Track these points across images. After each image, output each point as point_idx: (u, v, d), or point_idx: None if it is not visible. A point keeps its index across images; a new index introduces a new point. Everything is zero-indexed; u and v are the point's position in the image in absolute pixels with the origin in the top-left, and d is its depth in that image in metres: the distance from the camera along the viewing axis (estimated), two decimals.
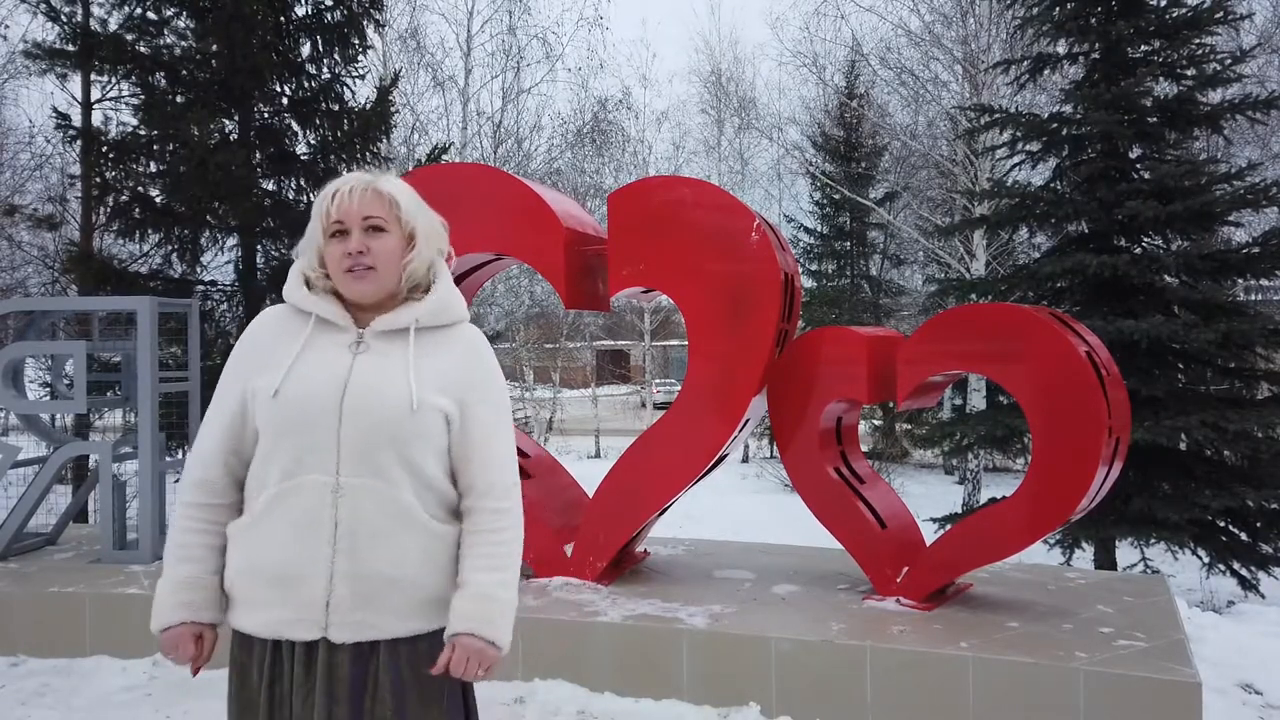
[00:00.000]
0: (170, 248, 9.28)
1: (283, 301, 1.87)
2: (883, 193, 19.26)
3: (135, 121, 9.25)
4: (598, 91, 29.43)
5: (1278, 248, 7.40)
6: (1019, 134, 8.72)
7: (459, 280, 4.82)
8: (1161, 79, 8.52)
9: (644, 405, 22.63)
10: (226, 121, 9.22)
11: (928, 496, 13.55)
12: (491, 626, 1.74)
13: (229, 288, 9.71)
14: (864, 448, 5.50)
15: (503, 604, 1.78)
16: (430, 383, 1.76)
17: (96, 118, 9.99)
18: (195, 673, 1.84)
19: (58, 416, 10.53)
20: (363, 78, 10.02)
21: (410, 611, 1.75)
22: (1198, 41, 8.29)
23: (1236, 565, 7.36)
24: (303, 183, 9.43)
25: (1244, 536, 7.42)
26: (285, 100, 9.46)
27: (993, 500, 7.26)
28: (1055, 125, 8.35)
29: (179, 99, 8.91)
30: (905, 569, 4.18)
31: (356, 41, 9.67)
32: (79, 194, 10.64)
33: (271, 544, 1.72)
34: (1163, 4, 8.07)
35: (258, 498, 1.75)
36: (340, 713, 1.71)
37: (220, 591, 1.79)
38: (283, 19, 9.13)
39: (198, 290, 9.42)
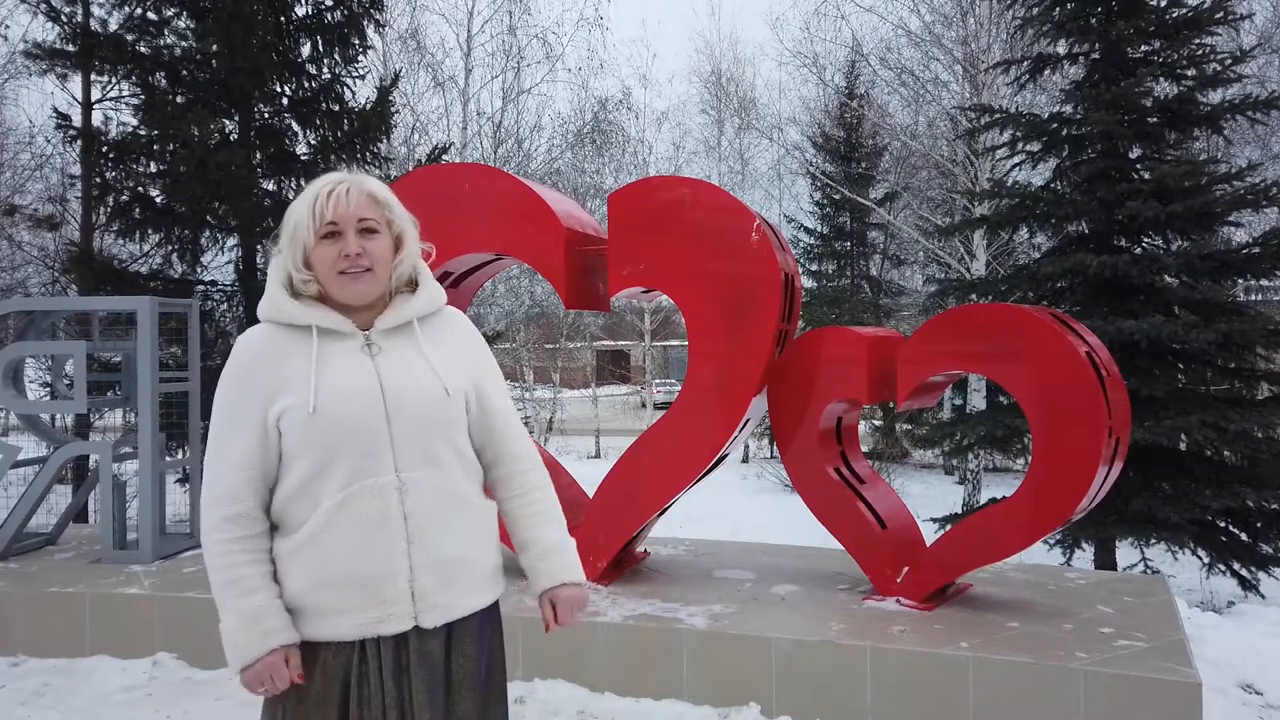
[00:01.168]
0: (170, 248, 9.29)
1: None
2: (883, 193, 19.26)
3: (135, 121, 9.26)
4: (598, 91, 29.40)
5: (1278, 248, 7.39)
6: (1019, 134, 8.72)
7: (459, 280, 4.82)
8: (1161, 79, 8.51)
9: (644, 405, 22.62)
10: (226, 121, 9.23)
11: (928, 496, 13.55)
12: (575, 572, 1.95)
13: (229, 288, 9.71)
14: (864, 448, 5.51)
15: (571, 549, 1.98)
16: (450, 369, 1.85)
17: (96, 118, 9.99)
18: (279, 693, 1.79)
19: (58, 416, 10.54)
20: (363, 78, 10.02)
21: (481, 585, 1.87)
22: (1198, 42, 8.29)
23: (1236, 565, 7.36)
24: (303, 183, 9.40)
25: (1244, 537, 7.42)
26: (285, 100, 9.47)
27: (993, 500, 7.27)
28: (1055, 125, 8.35)
29: (179, 99, 8.92)
30: (905, 569, 4.18)
31: (356, 41, 9.68)
32: (79, 194, 10.64)
33: (342, 551, 1.74)
34: (1163, 4, 8.07)
35: (311, 513, 1.75)
36: (439, 696, 1.79)
37: (287, 613, 1.78)
38: (283, 19, 9.13)
39: (198, 290, 9.43)
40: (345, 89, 9.61)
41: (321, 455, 1.74)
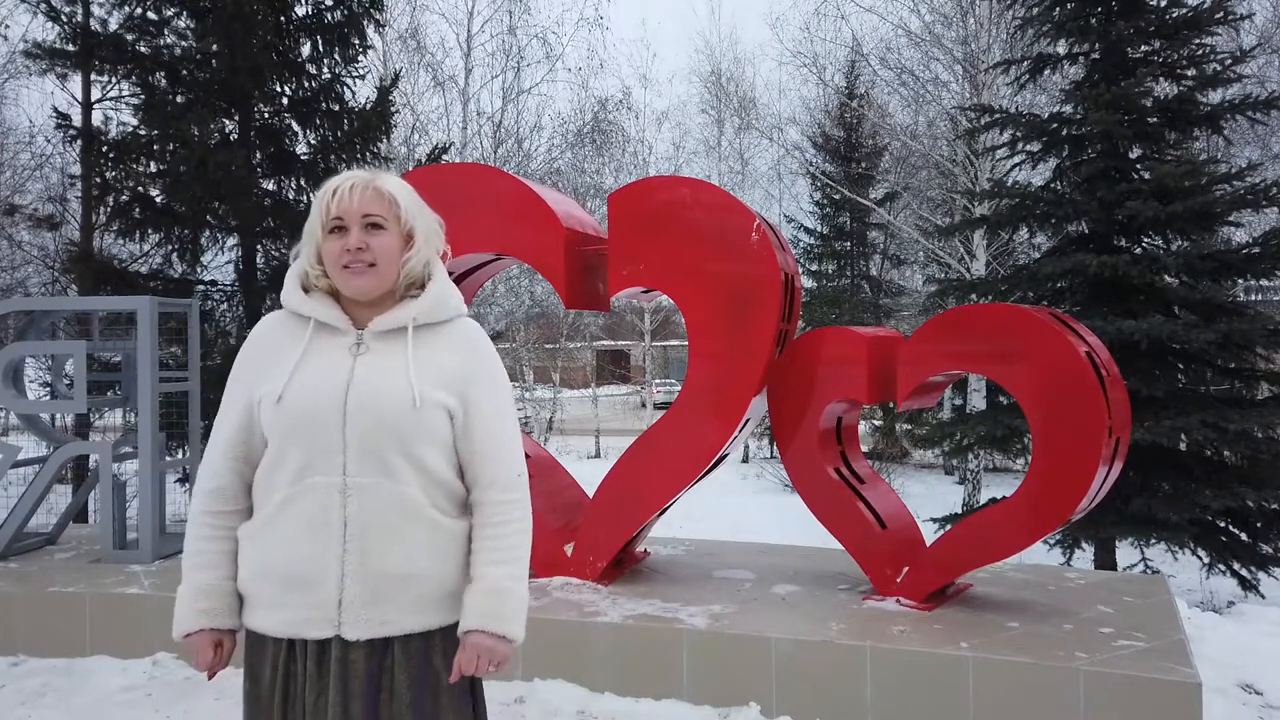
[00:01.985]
0: (170, 248, 9.28)
1: (280, 304, 1.89)
2: (883, 193, 19.26)
3: (135, 121, 9.25)
4: (598, 91, 29.44)
5: (1278, 248, 7.39)
6: (1019, 134, 8.72)
7: (459, 280, 4.82)
8: (1161, 79, 8.52)
9: (644, 405, 22.63)
10: (226, 121, 9.22)
11: (928, 496, 13.54)
12: (501, 621, 1.76)
13: (229, 288, 9.71)
14: (864, 448, 5.51)
15: (512, 596, 1.79)
16: (431, 379, 1.78)
17: (96, 118, 9.99)
18: (211, 677, 1.86)
19: (58, 416, 10.53)
20: (363, 78, 10.01)
21: (422, 607, 1.77)
22: (1198, 42, 8.29)
23: (1236, 565, 7.36)
24: (303, 183, 9.43)
25: (1244, 537, 7.42)
26: (285, 100, 9.46)
27: (993, 500, 7.26)
28: (1055, 125, 8.35)
29: (179, 99, 8.91)
30: (905, 569, 4.18)
31: (356, 41, 9.67)
32: (79, 194, 10.64)
33: (283, 546, 1.74)
34: (1163, 4, 8.07)
35: (267, 502, 1.77)
36: (355, 709, 1.72)
37: (237, 596, 1.81)
38: (283, 19, 9.13)
39: (198, 290, 9.42)
40: (345, 89, 9.61)
41: (280, 446, 1.76)
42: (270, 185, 9.47)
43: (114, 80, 9.60)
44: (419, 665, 1.77)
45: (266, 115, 9.42)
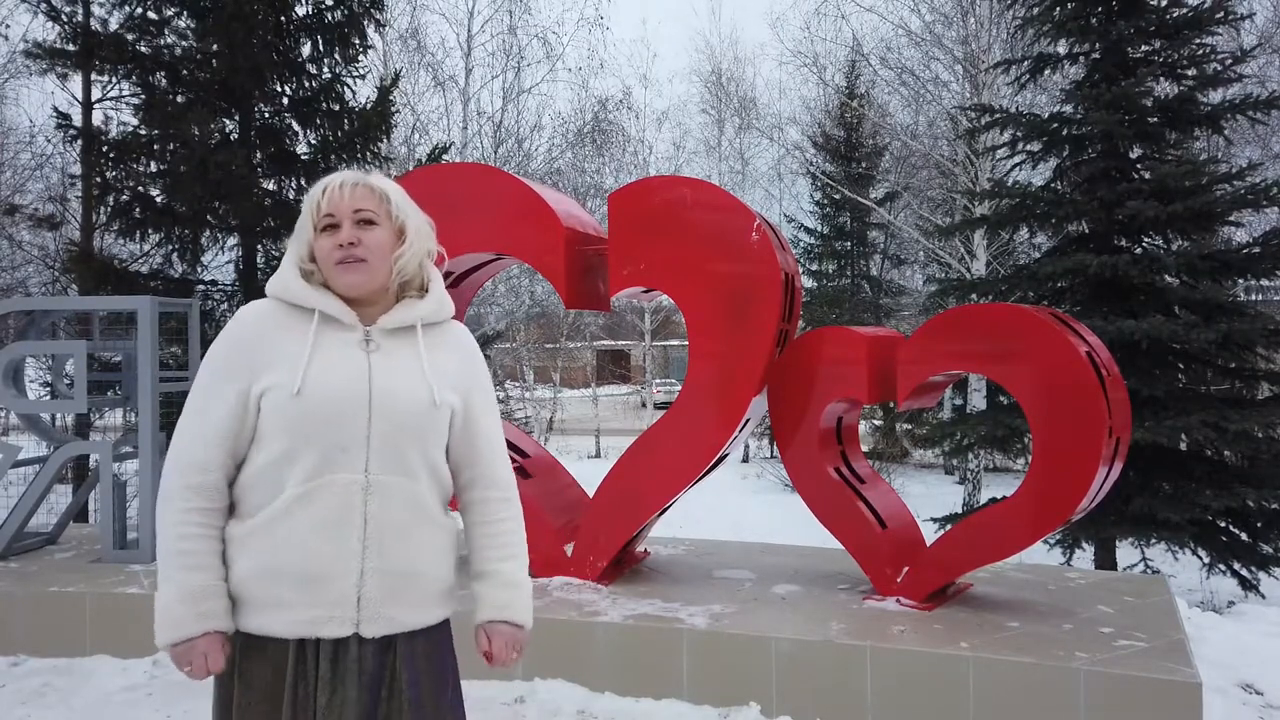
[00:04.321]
0: (170, 248, 9.28)
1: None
2: (883, 193, 19.27)
3: (135, 121, 9.26)
4: (598, 91, 29.43)
5: (1278, 248, 7.40)
6: (1019, 134, 8.72)
7: (459, 280, 4.82)
8: (1162, 79, 8.52)
9: (644, 405, 22.64)
10: (227, 121, 9.23)
11: (928, 496, 13.54)
12: (522, 611, 1.89)
13: (229, 288, 9.71)
14: (864, 448, 5.50)
15: (525, 588, 1.91)
16: (441, 380, 1.81)
17: (97, 117, 9.98)
18: (203, 678, 1.79)
19: (58, 416, 10.53)
20: (363, 78, 10.01)
21: (427, 603, 1.81)
22: (1198, 41, 8.29)
23: (1237, 565, 7.36)
24: (303, 182, 9.42)
25: (1244, 536, 7.42)
26: (286, 100, 9.46)
27: (993, 500, 7.26)
28: (1056, 125, 8.35)
29: (179, 99, 8.91)
30: (905, 569, 4.18)
31: (357, 41, 9.67)
32: (79, 194, 10.64)
33: (297, 544, 1.70)
34: (1163, 4, 8.07)
35: (272, 498, 1.72)
36: (366, 705, 1.73)
37: (229, 598, 1.76)
38: (283, 19, 9.12)
39: (198, 290, 9.43)
40: (345, 89, 9.60)
41: (295, 441, 1.71)
42: (270, 185, 9.47)
43: (114, 80, 9.59)
44: (421, 661, 1.79)
45: (267, 115, 9.42)
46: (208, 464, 1.73)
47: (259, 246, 9.35)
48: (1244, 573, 7.35)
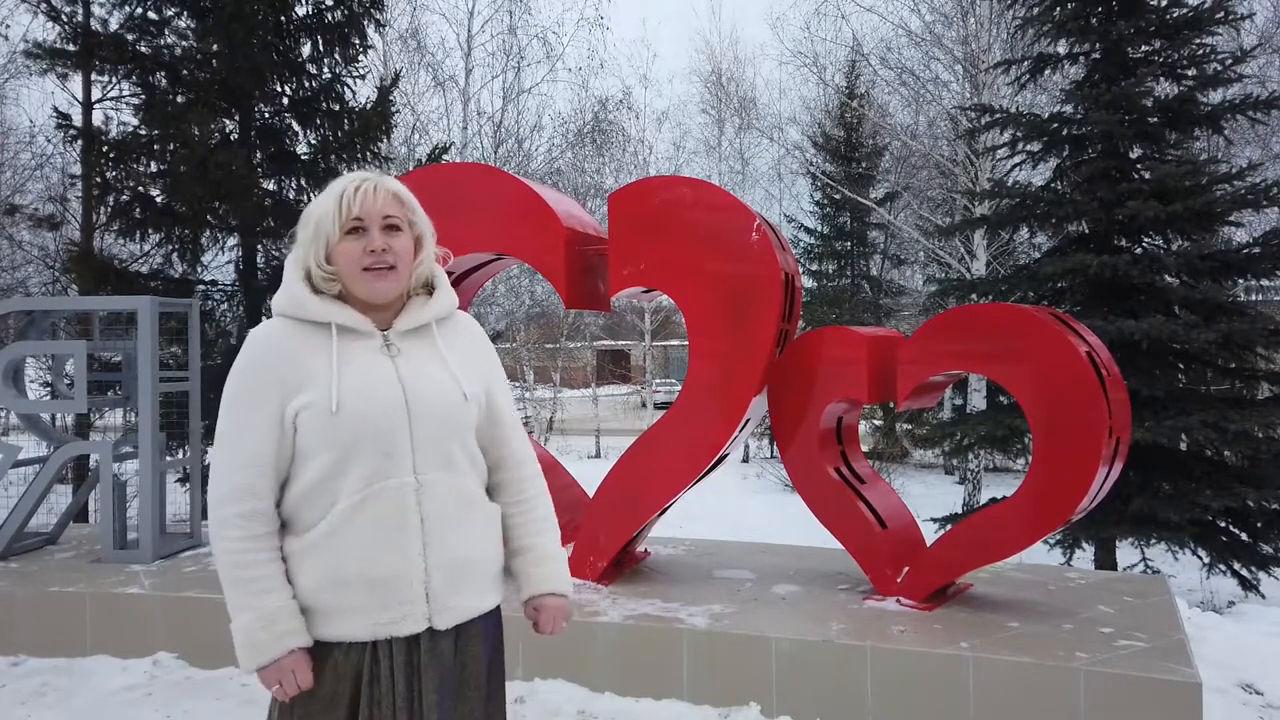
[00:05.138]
0: (170, 248, 9.29)
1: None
2: (883, 193, 19.27)
3: (136, 121, 9.27)
4: (598, 91, 29.47)
5: (1278, 248, 7.40)
6: (1019, 134, 8.73)
7: (459, 280, 4.82)
8: (1162, 79, 8.52)
9: (644, 405, 22.63)
10: (227, 121, 9.24)
11: (928, 496, 13.54)
12: (564, 582, 1.99)
13: (229, 288, 9.72)
14: (864, 448, 5.50)
15: (563, 559, 2.02)
16: (465, 373, 1.86)
17: (97, 117, 10.00)
18: (294, 695, 1.76)
19: (58, 416, 10.54)
20: (363, 78, 10.03)
21: (487, 587, 1.89)
22: (1198, 41, 8.29)
23: (1237, 565, 7.37)
24: (303, 183, 9.44)
25: (1244, 536, 7.42)
26: (286, 100, 9.47)
27: (993, 500, 7.27)
28: (1056, 125, 8.35)
29: (179, 99, 8.92)
30: (905, 569, 4.18)
31: (357, 41, 9.69)
32: (79, 194, 10.65)
33: (360, 553, 1.73)
34: (1163, 4, 8.07)
35: (327, 512, 1.74)
36: (448, 694, 1.79)
37: (301, 614, 1.76)
38: (283, 19, 9.13)
39: (198, 290, 9.44)
40: (345, 89, 9.62)
41: (341, 454, 1.72)
42: (270, 185, 9.49)
43: (114, 80, 9.60)
44: (482, 643, 1.88)
45: (267, 115, 9.43)
46: (255, 489, 1.74)
47: (259, 246, 9.36)
48: (1244, 573, 7.35)
